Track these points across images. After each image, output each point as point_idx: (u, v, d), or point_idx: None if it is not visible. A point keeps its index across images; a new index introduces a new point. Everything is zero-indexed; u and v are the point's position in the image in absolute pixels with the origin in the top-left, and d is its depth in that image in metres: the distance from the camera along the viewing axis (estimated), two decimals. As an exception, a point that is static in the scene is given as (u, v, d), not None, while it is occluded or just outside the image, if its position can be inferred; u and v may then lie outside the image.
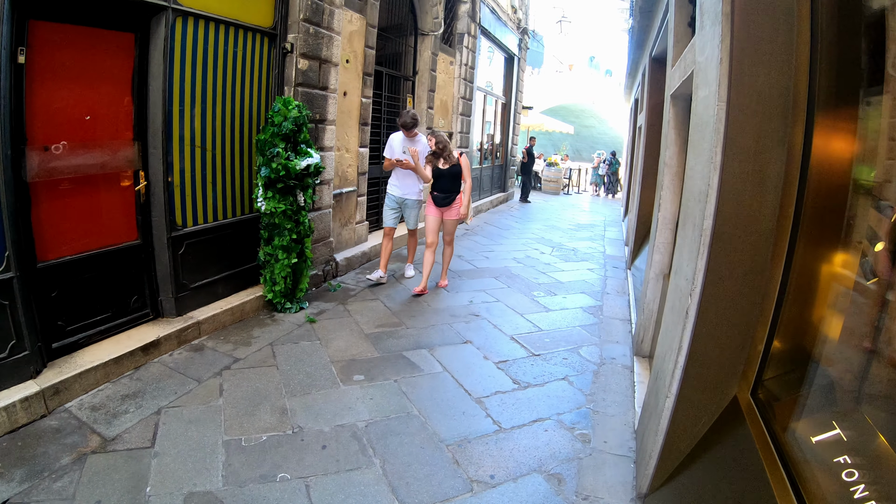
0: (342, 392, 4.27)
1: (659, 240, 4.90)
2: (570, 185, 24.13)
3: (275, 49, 6.07)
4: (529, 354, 5.15)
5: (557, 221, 13.97)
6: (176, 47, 4.84)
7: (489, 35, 13.66)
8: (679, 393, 2.71)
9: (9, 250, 3.73)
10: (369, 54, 7.94)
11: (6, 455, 3.35)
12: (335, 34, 6.72)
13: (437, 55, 10.37)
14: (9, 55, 3.66)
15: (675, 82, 4.51)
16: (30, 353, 3.88)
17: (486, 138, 15.44)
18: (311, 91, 6.46)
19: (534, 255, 9.62)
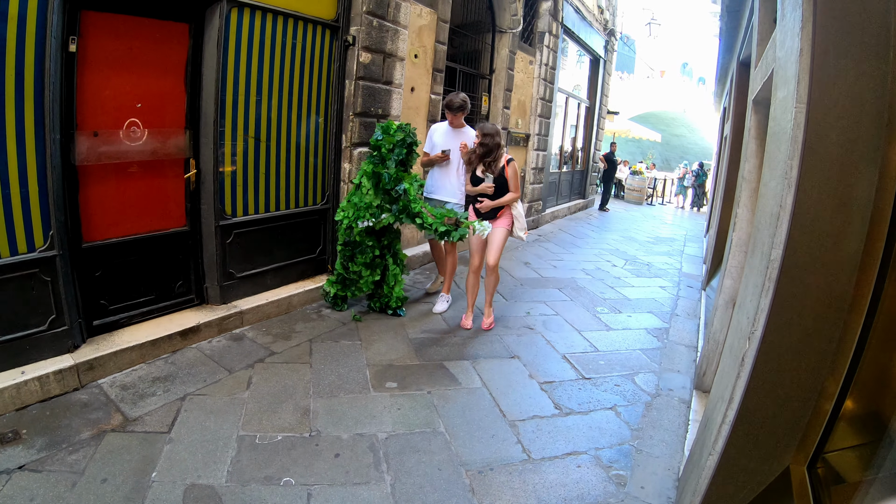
0: (370, 398, 4.16)
1: (731, 263, 4.44)
2: (655, 196, 23.27)
3: (336, 41, 6.13)
4: (579, 377, 4.80)
5: (635, 233, 13.46)
6: (231, 38, 4.95)
7: (573, 35, 13.36)
8: (724, 452, 2.30)
9: (53, 230, 3.92)
10: (440, 50, 7.90)
11: (34, 422, 3.54)
12: (401, 28, 6.73)
13: (514, 54, 10.22)
14: (60, 44, 3.84)
15: (756, 85, 4.03)
16: (69, 328, 4.06)
17: (567, 142, 15.14)
18: (374, 85, 6.48)
19: (605, 267, 9.24)
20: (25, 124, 3.75)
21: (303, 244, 6.13)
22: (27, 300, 3.86)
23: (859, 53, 1.89)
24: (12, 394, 3.64)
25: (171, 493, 3.02)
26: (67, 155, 4.04)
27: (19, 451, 3.25)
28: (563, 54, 12.80)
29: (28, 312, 3.87)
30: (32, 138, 3.79)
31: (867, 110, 1.89)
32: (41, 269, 3.90)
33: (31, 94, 3.75)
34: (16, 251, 3.79)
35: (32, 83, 3.75)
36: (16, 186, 3.75)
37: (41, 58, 3.76)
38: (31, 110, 3.76)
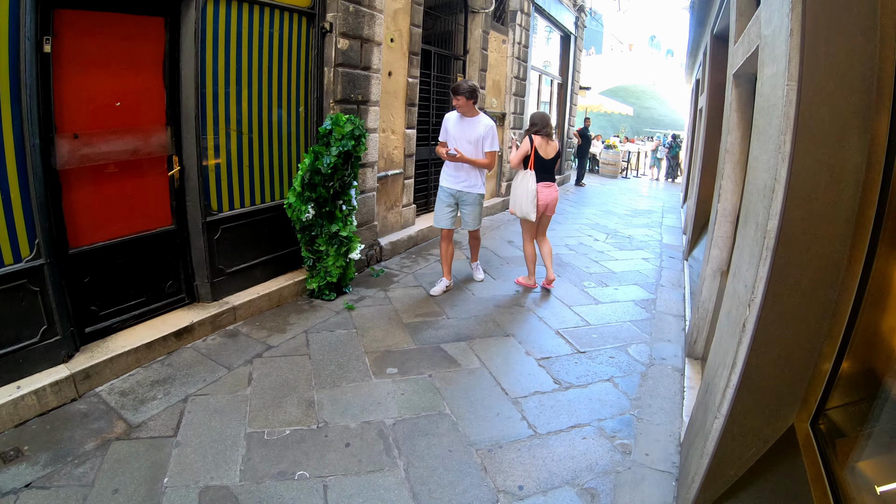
0: (373, 385, 4.16)
1: (717, 233, 4.54)
2: (629, 169, 23.36)
3: (313, 29, 5.98)
4: (574, 351, 4.88)
5: (613, 206, 13.53)
6: (208, 30, 4.81)
7: (544, 13, 13.23)
8: (730, 415, 2.39)
9: (38, 238, 3.79)
10: (415, 33, 7.78)
11: (34, 438, 3.43)
12: (377, 12, 6.58)
13: (488, 33, 10.10)
14: (34, 45, 3.68)
15: (737, 60, 4.10)
16: (61, 337, 3.95)
17: None
18: (352, 71, 6.35)
19: (587, 241, 9.29)
20: (3, 130, 3.61)
21: (289, 235, 5.99)
22: (17, 312, 3.74)
23: (847, 32, 1.96)
24: (10, 410, 3.52)
25: (186, 497, 2.98)
26: (48, 159, 3.90)
27: (24, 469, 3.16)
28: (534, 32, 12.68)
29: (19, 325, 3.76)
30: (11, 144, 3.65)
31: (856, 86, 1.95)
32: (29, 280, 3.77)
33: (7, 99, 3.61)
34: (1, 263, 3.66)
35: (8, 87, 3.60)
36: None
37: (15, 60, 3.61)
38: (7, 115, 3.62)
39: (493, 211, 10.93)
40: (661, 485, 3.25)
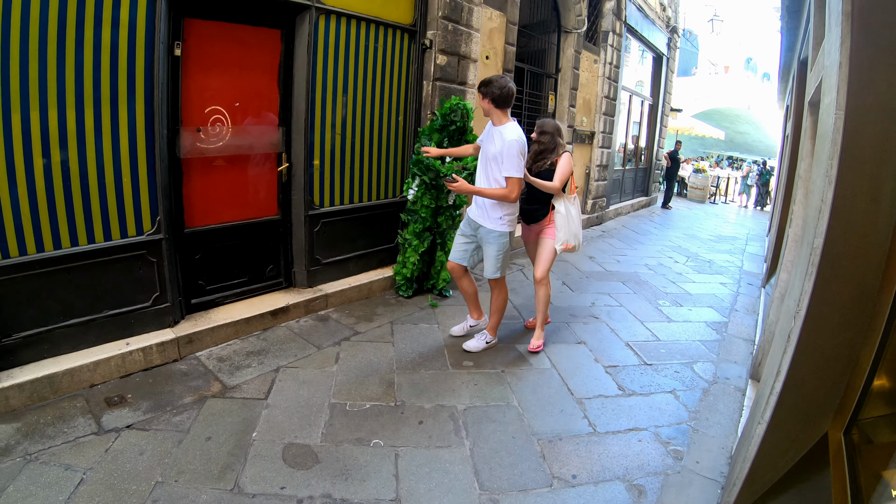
0: (449, 375, 4.24)
1: (787, 258, 4.37)
2: (718, 194, 22.13)
3: (414, 45, 6.12)
4: (641, 363, 4.77)
5: (698, 231, 12.96)
6: (319, 42, 5.02)
7: (636, 34, 12.90)
8: (771, 420, 2.38)
9: (160, 215, 4.09)
10: (509, 51, 7.79)
11: (138, 388, 3.74)
12: (474, 31, 6.66)
13: (580, 53, 9.98)
14: (166, 48, 4.00)
15: (811, 87, 3.99)
16: (171, 304, 4.23)
17: (630, 140, 14.66)
18: (449, 86, 6.44)
19: (667, 263, 8.95)
20: (136, 121, 3.90)
21: (382, 234, 6.14)
22: (134, 279, 4.03)
23: (889, 67, 2.01)
24: (118, 362, 3.82)
25: (271, 450, 3.17)
26: (173, 148, 4.21)
27: (126, 413, 3.44)
28: (626, 52, 12.38)
29: (134, 290, 4.04)
30: (143, 133, 3.94)
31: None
32: (148, 251, 4.06)
33: (142, 94, 3.90)
34: (126, 234, 3.96)
35: (143, 84, 3.90)
36: (127, 176, 3.91)
37: (150, 61, 3.91)
38: (141, 108, 3.91)
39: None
40: (707, 491, 3.16)
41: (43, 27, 3.43)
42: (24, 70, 3.38)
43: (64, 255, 3.68)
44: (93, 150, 3.74)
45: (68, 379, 3.60)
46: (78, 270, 3.75)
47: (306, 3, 4.82)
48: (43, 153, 3.51)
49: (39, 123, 3.47)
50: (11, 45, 3.34)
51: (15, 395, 3.38)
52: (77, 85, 3.61)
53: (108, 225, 3.88)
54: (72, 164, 3.65)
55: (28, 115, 3.42)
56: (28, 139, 3.44)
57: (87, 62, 3.64)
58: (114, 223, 3.90)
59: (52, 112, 3.51)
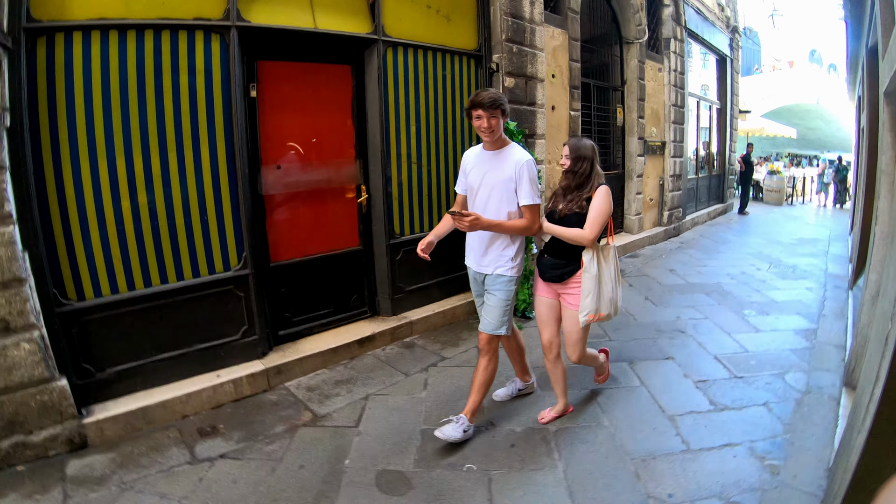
0: (538, 396, 3.98)
1: (875, 257, 3.94)
2: (795, 195, 20.30)
3: (481, 69, 5.92)
4: (731, 376, 4.40)
5: (777, 235, 11.97)
6: (389, 74, 4.90)
7: (697, 37, 12.23)
8: (872, 428, 2.10)
9: (246, 251, 4.04)
10: (574, 67, 7.50)
11: (230, 418, 3.67)
12: (538, 51, 6.42)
13: (643, 63, 9.52)
14: (242, 91, 3.98)
15: (886, 76, 3.55)
16: (258, 337, 4.14)
17: (701, 146, 13.88)
18: (519, 107, 6.20)
19: (749, 271, 8.28)
20: (218, 161, 3.89)
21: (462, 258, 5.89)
22: (223, 313, 3.98)
23: None
24: (209, 394, 3.77)
25: (364, 477, 3.05)
26: (255, 186, 4.16)
27: (219, 442, 3.38)
28: (689, 57, 11.74)
29: (223, 324, 3.99)
30: (225, 173, 3.93)
31: None
32: (235, 286, 4.01)
33: (222, 135, 3.89)
34: (213, 271, 3.93)
35: (222, 126, 3.89)
36: (212, 214, 3.89)
37: (228, 104, 3.90)
38: (222, 149, 3.90)
39: (655, 240, 10.12)
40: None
41: (123, 77, 3.48)
42: (108, 118, 3.43)
43: (154, 292, 3.69)
44: (178, 191, 3.74)
45: (161, 410, 3.58)
46: (169, 307, 3.75)
47: (373, 38, 4.72)
48: (130, 196, 3.54)
49: (125, 168, 3.51)
50: (94, 96, 3.39)
51: (110, 427, 3.38)
52: (159, 130, 3.63)
53: (196, 262, 3.86)
54: (158, 205, 3.66)
55: (114, 161, 3.46)
56: (115, 183, 3.48)
57: (168, 108, 3.67)
58: (202, 260, 3.88)
59: (136, 157, 3.55)
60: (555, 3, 7.21)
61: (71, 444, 3.26)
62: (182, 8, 3.68)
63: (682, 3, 10.80)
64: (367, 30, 4.74)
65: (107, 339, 3.54)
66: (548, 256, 3.46)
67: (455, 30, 5.58)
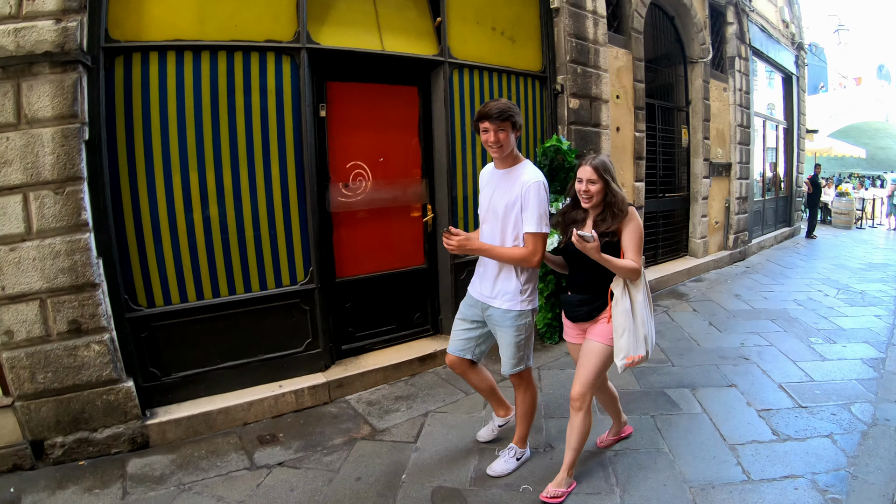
0: (598, 420, 3.59)
1: None
2: (864, 218, 18.24)
3: (545, 91, 5.61)
4: (795, 405, 3.99)
5: (846, 260, 10.90)
6: (455, 95, 4.68)
7: (762, 55, 11.30)
8: None
9: (313, 266, 3.90)
10: (638, 88, 7.07)
11: (289, 428, 3.54)
12: (602, 72, 6.06)
13: (708, 82, 8.86)
14: (312, 111, 3.88)
15: None
16: (322, 350, 3.98)
17: (768, 167, 12.85)
18: (584, 128, 5.85)
19: (816, 297, 7.52)
20: (288, 178, 3.80)
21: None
22: (288, 325, 3.86)
23: None
24: (270, 403, 3.65)
25: (420, 492, 2.90)
26: (323, 203, 4.03)
27: (277, 451, 3.29)
28: (754, 76, 10.84)
29: (288, 336, 3.87)
30: (294, 189, 3.82)
31: None
32: (301, 300, 3.88)
33: (292, 153, 3.80)
34: (280, 284, 3.83)
35: (292, 144, 3.79)
36: (281, 229, 3.79)
37: (298, 123, 3.81)
38: (292, 166, 3.80)
39: (720, 264, 9.35)
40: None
41: (197, 95, 3.45)
42: (182, 134, 3.41)
43: (222, 303, 3.63)
44: (248, 206, 3.67)
45: (223, 417, 3.49)
46: (235, 317, 3.68)
47: (439, 59, 4.53)
48: (202, 208, 3.50)
49: (198, 182, 3.47)
50: (169, 113, 3.37)
51: (172, 430, 3.34)
52: (231, 146, 3.58)
53: (264, 275, 3.76)
54: (229, 218, 3.60)
55: (187, 175, 3.44)
56: (188, 196, 3.45)
57: (240, 126, 3.61)
58: (269, 273, 3.77)
59: (209, 171, 3.51)
60: (618, 23, 6.84)
61: (133, 444, 3.24)
62: (254, 30, 3.63)
63: (746, 21, 10.05)
64: (434, 52, 4.55)
65: (174, 345, 3.50)
66: (571, 293, 2.81)
67: (519, 51, 5.31)
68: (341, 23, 4.07)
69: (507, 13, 5.18)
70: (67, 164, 2.96)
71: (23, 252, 2.93)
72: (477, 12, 4.88)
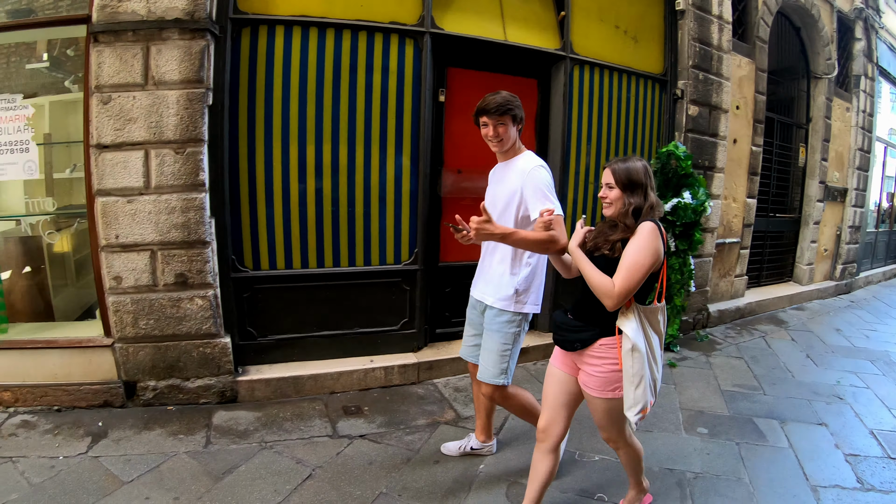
0: (682, 439, 3.31)
1: None
2: None
3: (665, 95, 4.98)
4: (885, 455, 3.39)
5: None
6: (574, 91, 4.23)
7: (888, 76, 9.58)
8: None
9: (418, 248, 3.65)
10: (759, 100, 6.19)
11: (375, 403, 3.35)
12: (724, 80, 5.33)
13: (831, 100, 7.63)
14: (431, 95, 3.61)
15: None
16: (416, 331, 3.73)
17: (884, 197, 11.15)
18: (701, 138, 5.15)
19: (925, 339, 6.40)
20: (402, 159, 3.55)
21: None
22: (386, 303, 3.63)
23: None
24: (360, 376, 3.46)
25: (496, 485, 2.63)
26: (435, 187, 3.75)
27: (361, 423, 3.12)
28: (878, 97, 9.27)
29: (385, 313, 3.64)
30: (408, 171, 3.57)
31: None
32: (403, 279, 3.62)
33: (409, 135, 3.54)
34: (385, 262, 3.60)
35: (410, 126, 3.54)
36: (391, 209, 3.56)
37: (417, 107, 3.54)
38: (407, 148, 3.55)
39: (824, 295, 8.13)
40: None
41: (319, 71, 3.29)
42: (303, 107, 3.25)
43: (325, 273, 3.47)
44: (361, 183, 3.45)
45: (312, 383, 3.34)
46: (336, 289, 3.48)
47: (560, 54, 4.08)
48: (315, 180, 3.33)
49: (314, 155, 3.30)
50: (291, 85, 3.22)
51: (261, 388, 3.22)
52: (349, 124, 3.37)
53: (370, 251, 3.53)
54: (340, 193, 3.40)
55: (304, 147, 3.27)
56: (303, 167, 3.30)
57: (359, 104, 3.40)
58: (374, 250, 3.54)
59: (325, 146, 3.32)
60: (742, 30, 6.03)
61: (221, 397, 3.15)
62: (379, 11, 3.40)
63: (874, 38, 8.63)
64: (556, 46, 4.10)
65: (273, 308, 3.37)
66: (569, 314, 2.11)
67: (641, 52, 4.72)
68: (465, 9, 3.74)
69: (631, 11, 4.61)
70: (190, 126, 2.87)
71: (139, 205, 2.88)
72: (601, 8, 4.37)
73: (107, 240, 2.89)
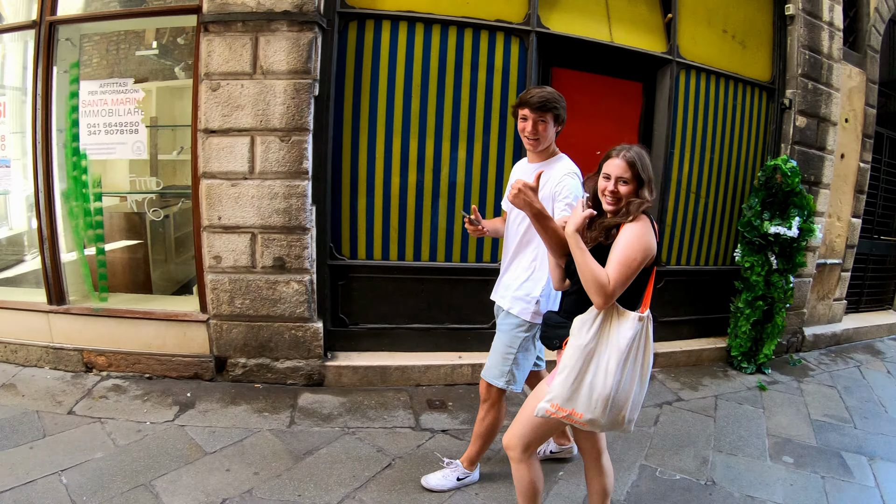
0: (766, 467, 3.09)
1: None
2: None
3: (771, 104, 4.57)
4: None
5: None
6: (679, 97, 3.96)
7: None
8: None
9: None
10: (869, 113, 5.59)
11: (459, 399, 3.26)
12: (834, 91, 4.84)
13: None
14: None
15: None
16: None
17: None
18: (808, 151, 4.67)
19: None
20: (505, 157, 3.46)
21: (721, 301, 4.54)
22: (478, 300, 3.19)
23: None
24: (447, 371, 3.39)
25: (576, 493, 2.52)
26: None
27: (444, 418, 3.05)
28: None
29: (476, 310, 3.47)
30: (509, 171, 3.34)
31: None
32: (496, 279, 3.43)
33: (512, 133, 3.44)
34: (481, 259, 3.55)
35: (513, 126, 3.32)
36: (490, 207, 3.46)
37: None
38: (510, 146, 3.47)
39: None
40: None
41: (425, 67, 3.24)
42: (407, 102, 3.22)
43: (420, 266, 3.38)
44: (462, 179, 3.37)
45: (398, 374, 3.30)
46: (429, 283, 3.42)
47: (667, 58, 3.82)
48: (417, 175, 3.28)
49: (417, 150, 3.26)
50: (396, 81, 3.19)
51: (348, 375, 3.20)
52: (453, 120, 3.29)
53: (467, 248, 3.46)
54: (441, 188, 3.34)
55: (407, 142, 3.23)
56: (405, 161, 3.26)
57: (464, 101, 3.31)
58: (471, 247, 3.46)
59: (428, 142, 3.26)
60: (853, 38, 5.50)
61: (309, 380, 3.14)
62: (485, 9, 3.29)
63: None
64: (662, 49, 3.84)
65: (366, 297, 3.34)
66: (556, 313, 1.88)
67: (749, 58, 4.35)
68: (571, 10, 3.56)
69: (740, 16, 4.27)
70: (296, 115, 2.88)
71: (243, 189, 2.91)
72: (709, 12, 4.07)
73: (209, 220, 2.94)
